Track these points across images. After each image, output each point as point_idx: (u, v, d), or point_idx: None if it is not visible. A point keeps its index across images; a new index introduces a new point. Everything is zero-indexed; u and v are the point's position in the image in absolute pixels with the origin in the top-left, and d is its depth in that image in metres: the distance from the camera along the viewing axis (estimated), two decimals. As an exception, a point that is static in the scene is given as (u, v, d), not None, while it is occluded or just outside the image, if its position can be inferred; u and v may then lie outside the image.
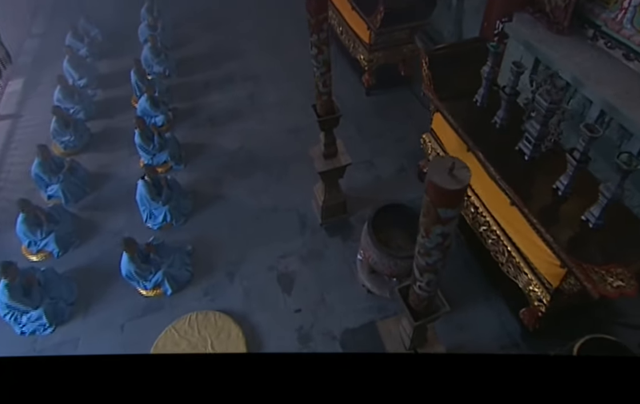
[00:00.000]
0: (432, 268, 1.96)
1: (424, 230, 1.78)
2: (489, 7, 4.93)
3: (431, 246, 1.82)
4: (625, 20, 3.75)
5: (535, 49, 4.22)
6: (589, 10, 4.08)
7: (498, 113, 3.67)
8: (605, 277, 2.46)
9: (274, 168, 5.20)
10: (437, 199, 1.60)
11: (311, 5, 2.75)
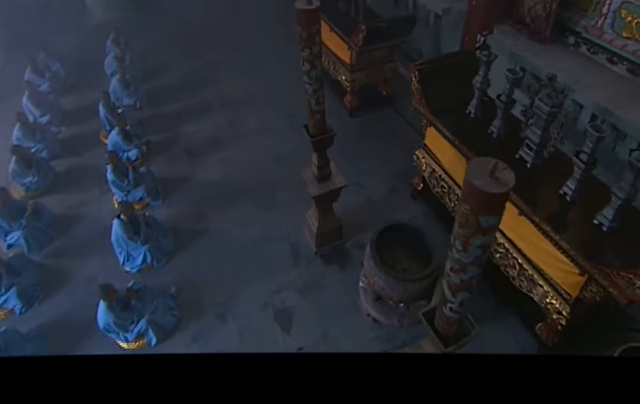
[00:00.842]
0: (468, 286, 1.82)
1: (461, 243, 1.64)
2: (469, 22, 5.07)
3: (468, 261, 1.68)
4: (606, 25, 3.91)
5: (520, 58, 4.33)
6: (569, 18, 4.24)
7: (494, 123, 3.68)
8: (634, 281, 2.39)
9: (261, 197, 5.02)
10: (479, 205, 1.47)
11: (302, 18, 2.67)
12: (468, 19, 5.02)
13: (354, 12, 5.80)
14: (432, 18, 5.82)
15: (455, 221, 1.66)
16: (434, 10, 5.60)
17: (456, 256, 1.71)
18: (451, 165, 3.97)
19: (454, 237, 1.70)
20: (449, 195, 4.08)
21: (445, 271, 1.90)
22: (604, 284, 2.58)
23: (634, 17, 3.63)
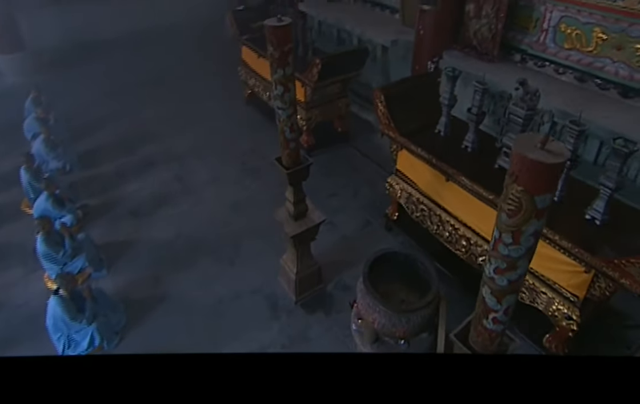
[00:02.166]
0: (516, 286, 1.68)
1: (511, 234, 1.52)
2: (417, 51, 5.37)
3: (519, 255, 1.56)
4: (548, 40, 4.31)
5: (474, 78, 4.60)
6: (513, 37, 4.64)
7: (467, 137, 3.79)
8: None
9: (223, 251, 4.65)
10: (535, 183, 1.37)
11: (274, 35, 2.58)
12: (416, 48, 5.31)
13: (302, 50, 5.93)
14: (379, 52, 6.11)
15: (500, 214, 1.55)
16: (380, 43, 5.88)
17: (504, 252, 1.59)
18: (429, 185, 3.98)
19: (498, 233, 1.58)
20: (430, 217, 4.05)
21: (485, 279, 1.76)
22: (614, 276, 2.60)
23: (572, 30, 4.04)
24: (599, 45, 3.87)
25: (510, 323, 2.00)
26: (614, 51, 3.76)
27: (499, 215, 1.56)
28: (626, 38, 3.63)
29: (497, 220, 1.59)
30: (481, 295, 1.83)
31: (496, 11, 4.39)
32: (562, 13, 4.06)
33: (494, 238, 1.62)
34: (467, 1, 4.68)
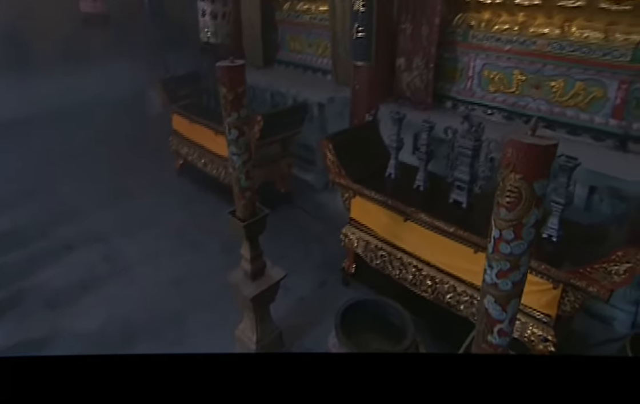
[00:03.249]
0: (519, 289, 1.69)
1: (513, 230, 1.54)
2: (354, 106, 5.70)
3: (522, 251, 1.58)
4: (474, 86, 4.83)
5: (413, 124, 4.96)
6: (442, 87, 5.13)
7: (418, 177, 3.97)
8: (609, 269, 2.61)
9: (166, 331, 4.21)
10: (533, 168, 1.42)
11: (228, 76, 2.57)
12: (353, 103, 5.64)
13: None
14: (315, 110, 6.37)
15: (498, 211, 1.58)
16: (317, 101, 6.16)
17: (506, 251, 1.59)
18: (387, 229, 4.04)
19: (498, 232, 1.59)
20: (391, 262, 4.07)
21: (486, 288, 1.74)
22: (582, 286, 2.75)
23: (495, 74, 4.59)
24: (519, 86, 4.41)
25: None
26: (533, 90, 4.29)
27: (496, 214, 1.59)
28: (542, 77, 4.18)
29: (494, 219, 1.61)
30: (483, 309, 1.80)
31: (426, 63, 4.86)
32: (484, 61, 4.61)
33: (493, 240, 1.63)
34: (398, 56, 5.14)
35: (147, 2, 8.92)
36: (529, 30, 4.16)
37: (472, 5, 4.58)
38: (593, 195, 3.73)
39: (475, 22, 4.58)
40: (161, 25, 8.77)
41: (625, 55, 3.56)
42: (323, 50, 6.67)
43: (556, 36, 3.97)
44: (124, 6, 9.02)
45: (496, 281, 1.67)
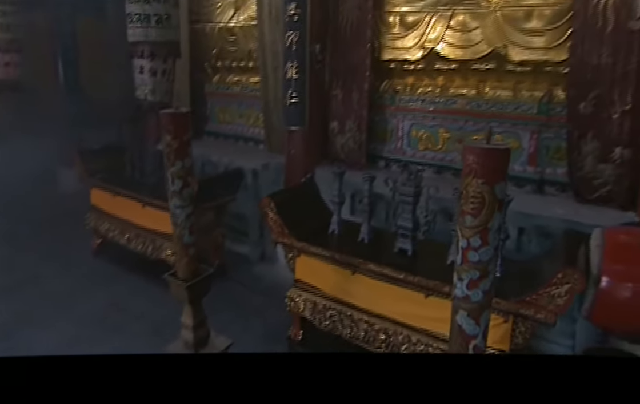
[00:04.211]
0: (489, 298, 1.77)
1: (480, 236, 1.66)
2: (289, 171, 5.85)
3: (489, 257, 1.68)
4: (404, 145, 5.26)
5: (350, 184, 5.20)
6: (374, 148, 5.51)
7: (362, 229, 4.09)
8: (552, 293, 2.84)
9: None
10: (493, 172, 1.57)
11: (172, 124, 2.55)
12: (288, 168, 5.80)
13: (153, 177, 5.86)
14: (249, 178, 6.43)
15: (461, 221, 1.69)
16: (251, 168, 6.24)
17: (475, 259, 1.69)
18: (335, 286, 4.04)
19: (465, 241, 1.69)
20: (342, 321, 4.02)
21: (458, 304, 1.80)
22: (531, 313, 2.94)
23: (422, 133, 5.06)
24: (445, 143, 4.89)
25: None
26: (458, 145, 4.78)
27: (462, 223, 1.69)
28: (464, 133, 4.70)
29: (460, 228, 1.71)
30: (455, 328, 1.84)
31: (358, 125, 5.23)
32: (411, 121, 5.08)
33: (461, 251, 1.72)
34: (331, 120, 5.47)
35: (61, 73, 8.67)
36: (449, 91, 4.73)
37: (397, 71, 5.11)
38: (522, 236, 4.10)
39: (401, 87, 5.10)
40: (77, 97, 8.51)
41: (532, 108, 4.18)
42: (254, 120, 6.89)
43: (473, 95, 4.55)
44: (38, 74, 8.66)
45: (467, 293, 1.74)
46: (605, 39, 3.49)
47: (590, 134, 3.70)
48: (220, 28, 6.43)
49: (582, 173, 3.89)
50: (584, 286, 2.78)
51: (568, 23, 3.77)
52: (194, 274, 3.00)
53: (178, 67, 6.32)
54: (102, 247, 6.58)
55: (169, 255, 5.50)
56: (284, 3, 4.84)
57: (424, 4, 4.60)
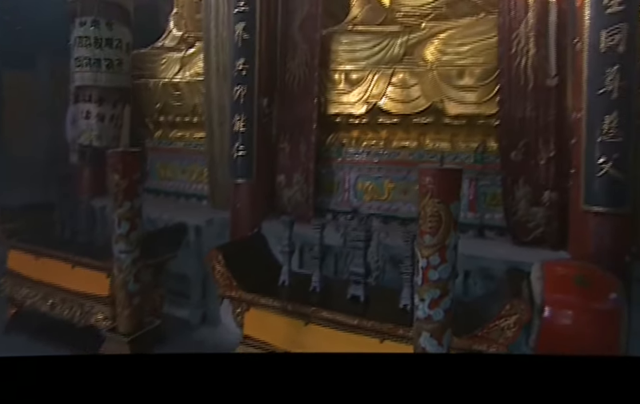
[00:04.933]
0: (450, 317, 1.87)
1: (439, 253, 1.78)
2: (234, 225, 5.80)
3: (448, 275, 1.80)
4: (351, 197, 5.47)
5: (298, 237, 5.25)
6: (321, 201, 5.66)
7: (313, 278, 4.10)
8: (501, 325, 3.00)
9: None
10: (448, 191, 1.72)
11: (121, 162, 2.53)
12: (234, 222, 5.76)
13: (101, 240, 5.57)
14: (192, 235, 6.27)
15: (420, 241, 1.80)
16: (194, 224, 6.11)
17: (435, 277, 1.79)
18: (287, 339, 3.95)
19: (425, 261, 1.80)
20: (295, 376, 3.92)
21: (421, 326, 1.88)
22: (483, 347, 3.06)
23: (368, 185, 5.30)
24: (390, 193, 5.15)
25: None
26: (403, 195, 5.06)
27: (421, 243, 1.81)
28: (408, 183, 4.99)
29: (419, 249, 1.82)
30: (419, 351, 1.90)
31: (305, 178, 5.38)
32: (358, 173, 5.33)
33: (421, 270, 1.82)
34: (278, 173, 5.59)
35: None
36: (392, 144, 5.06)
37: (342, 125, 5.40)
38: (468, 279, 4.33)
39: (346, 140, 5.37)
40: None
41: (469, 158, 4.57)
42: (198, 176, 6.85)
43: (415, 147, 4.90)
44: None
45: (429, 313, 1.83)
46: (528, 95, 4.01)
47: (522, 180, 4.11)
48: (165, 83, 6.49)
49: (517, 217, 4.25)
50: (530, 316, 2.97)
51: (496, 80, 4.29)
52: (138, 327, 2.83)
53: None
54: (18, 317, 5.98)
55: (99, 319, 5.10)
56: (233, 58, 5.05)
57: (367, 63, 5.01)
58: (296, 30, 5.17)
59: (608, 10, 3.22)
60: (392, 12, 5.56)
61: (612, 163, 3.35)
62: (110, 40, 3.47)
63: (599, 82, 3.34)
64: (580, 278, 2.78)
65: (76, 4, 3.54)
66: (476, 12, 4.85)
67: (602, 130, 3.36)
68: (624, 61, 3.22)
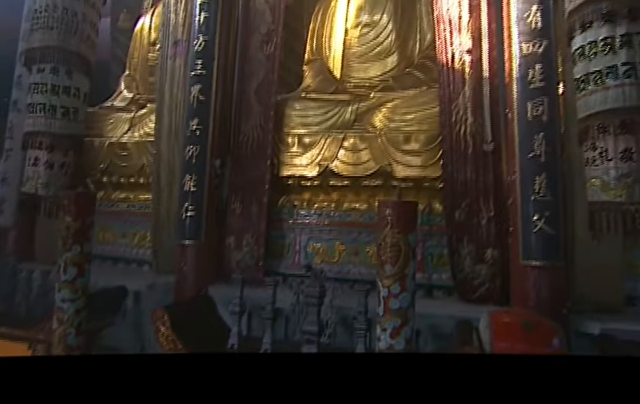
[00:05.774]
0: (411, 347, 1.95)
1: (399, 282, 1.90)
2: (179, 289, 5.61)
3: (408, 304, 1.91)
4: (302, 259, 5.53)
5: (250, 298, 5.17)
6: (271, 264, 5.66)
7: (264, 339, 4.03)
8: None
9: None
10: (406, 222, 1.89)
11: (75, 204, 2.49)
12: (178, 286, 5.58)
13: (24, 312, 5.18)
14: (130, 302, 5.96)
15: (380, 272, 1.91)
16: (133, 290, 5.83)
17: (395, 306, 1.89)
18: None
19: (386, 290, 1.90)
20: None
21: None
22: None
23: (319, 247, 5.41)
24: (341, 255, 5.27)
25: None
26: (353, 257, 5.20)
27: (381, 274, 1.93)
28: (359, 245, 5.16)
29: (380, 280, 1.94)
30: (381, 384, 1.95)
31: (256, 239, 5.39)
32: (309, 235, 5.43)
33: (382, 300, 1.92)
34: (227, 235, 5.57)
35: None
36: (343, 206, 5.26)
37: (294, 187, 5.56)
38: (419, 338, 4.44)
39: (298, 202, 5.51)
40: None
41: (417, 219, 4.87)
42: (140, 240, 6.63)
43: (365, 209, 5.12)
44: None
45: (391, 342, 1.90)
46: (468, 159, 4.42)
47: (466, 238, 4.41)
48: (112, 143, 6.42)
49: (463, 275, 4.50)
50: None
51: (439, 146, 4.70)
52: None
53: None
54: None
55: (20, 395, 4.59)
56: (187, 118, 5.16)
57: (319, 128, 5.31)
58: (252, 94, 5.43)
59: (531, 85, 3.76)
60: (343, 83, 6.02)
61: (545, 219, 3.73)
62: (69, 88, 3.48)
63: (529, 147, 3.79)
64: (525, 323, 2.98)
65: (36, 51, 3.55)
66: (419, 85, 5.40)
67: (534, 190, 3.77)
68: (548, 129, 3.72)
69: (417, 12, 5.92)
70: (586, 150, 3.04)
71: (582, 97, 3.02)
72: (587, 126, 2.96)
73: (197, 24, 5.16)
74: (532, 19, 3.73)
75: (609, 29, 2.79)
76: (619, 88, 2.75)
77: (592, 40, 2.89)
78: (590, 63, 2.91)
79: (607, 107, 2.81)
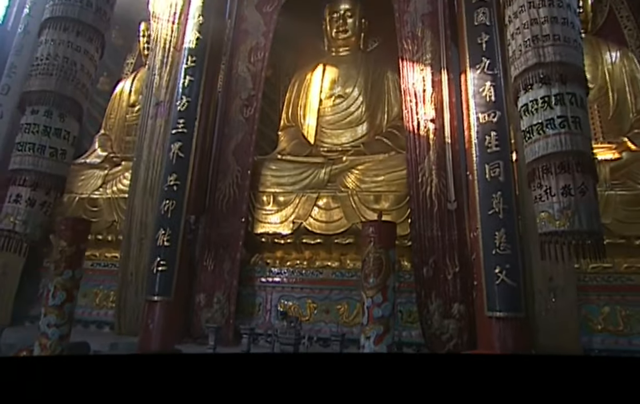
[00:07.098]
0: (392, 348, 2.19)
1: (381, 293, 2.19)
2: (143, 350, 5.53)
3: (389, 313, 2.19)
4: (273, 318, 5.64)
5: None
6: (241, 322, 5.73)
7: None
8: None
9: None
10: (387, 239, 2.22)
11: (71, 229, 2.67)
12: (143, 345, 5.53)
13: None
14: (89, 365, 5.79)
15: (364, 284, 2.19)
16: (94, 349, 5.70)
17: (378, 315, 2.15)
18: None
19: (370, 301, 2.17)
20: None
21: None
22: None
23: (290, 305, 5.56)
24: (312, 313, 5.44)
25: None
26: (325, 314, 5.38)
27: (365, 286, 2.21)
28: (330, 302, 5.36)
29: (364, 291, 2.22)
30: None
31: (227, 297, 5.50)
32: (280, 293, 5.59)
33: (366, 310, 2.19)
34: (197, 292, 5.64)
35: None
36: (315, 263, 5.51)
37: (267, 245, 5.79)
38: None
39: (270, 260, 5.71)
40: None
41: (387, 276, 5.18)
42: (102, 300, 6.55)
43: (337, 266, 5.39)
44: None
45: (375, 349, 2.15)
46: (434, 217, 4.86)
47: (434, 294, 4.72)
48: (82, 199, 6.51)
49: (432, 330, 4.75)
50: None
51: (407, 205, 5.14)
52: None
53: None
54: None
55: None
56: (165, 174, 5.41)
57: (294, 188, 5.69)
58: (230, 154, 5.79)
59: (488, 149, 4.34)
60: (316, 148, 6.53)
61: (506, 272, 4.13)
62: (60, 130, 3.65)
63: (488, 205, 4.28)
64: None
65: (33, 95, 3.77)
66: (388, 150, 5.95)
67: (495, 244, 4.20)
68: (505, 188, 4.25)
69: (385, 87, 6.67)
70: (534, 189, 3.51)
71: (528, 144, 3.56)
72: (534, 168, 3.47)
73: (181, 86, 5.59)
74: (487, 93, 4.40)
75: (545, 89, 3.43)
76: (556, 136, 3.33)
77: (533, 99, 3.50)
78: (533, 117, 3.49)
79: (548, 151, 3.36)
